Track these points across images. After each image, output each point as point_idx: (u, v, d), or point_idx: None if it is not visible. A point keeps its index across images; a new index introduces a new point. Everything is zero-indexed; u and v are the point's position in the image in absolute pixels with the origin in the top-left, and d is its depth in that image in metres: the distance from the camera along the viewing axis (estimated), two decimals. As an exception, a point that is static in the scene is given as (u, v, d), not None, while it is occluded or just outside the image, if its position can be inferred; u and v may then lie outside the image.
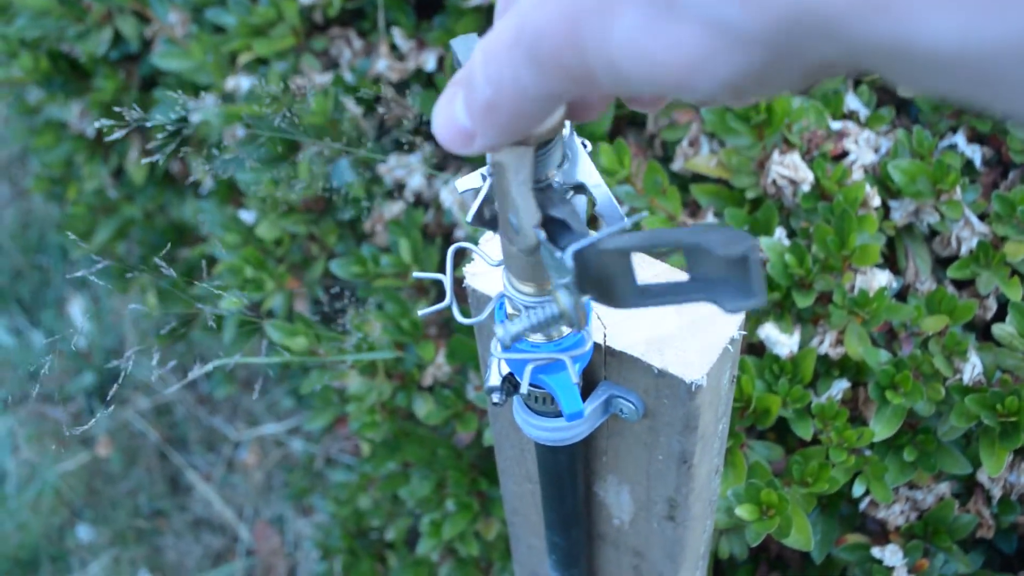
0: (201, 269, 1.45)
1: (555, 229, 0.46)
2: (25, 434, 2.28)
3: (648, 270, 0.68)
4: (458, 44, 0.46)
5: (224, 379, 1.89)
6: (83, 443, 2.26)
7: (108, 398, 1.05)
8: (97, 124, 0.97)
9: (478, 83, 0.37)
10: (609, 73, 0.32)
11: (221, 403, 2.26)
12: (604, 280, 0.43)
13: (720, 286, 0.37)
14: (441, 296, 1.21)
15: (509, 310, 0.59)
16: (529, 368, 0.57)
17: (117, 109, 0.98)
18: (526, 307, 0.45)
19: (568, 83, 0.34)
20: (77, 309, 2.42)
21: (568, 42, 0.32)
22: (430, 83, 1.27)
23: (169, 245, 1.12)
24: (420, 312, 0.57)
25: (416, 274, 0.59)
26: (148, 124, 1.01)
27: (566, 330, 0.59)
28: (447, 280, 0.58)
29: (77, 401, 2.32)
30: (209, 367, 1.08)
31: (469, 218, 0.52)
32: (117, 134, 0.97)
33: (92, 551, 2.15)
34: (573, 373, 0.57)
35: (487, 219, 0.52)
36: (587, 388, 0.68)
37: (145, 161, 0.99)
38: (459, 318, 0.58)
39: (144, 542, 2.15)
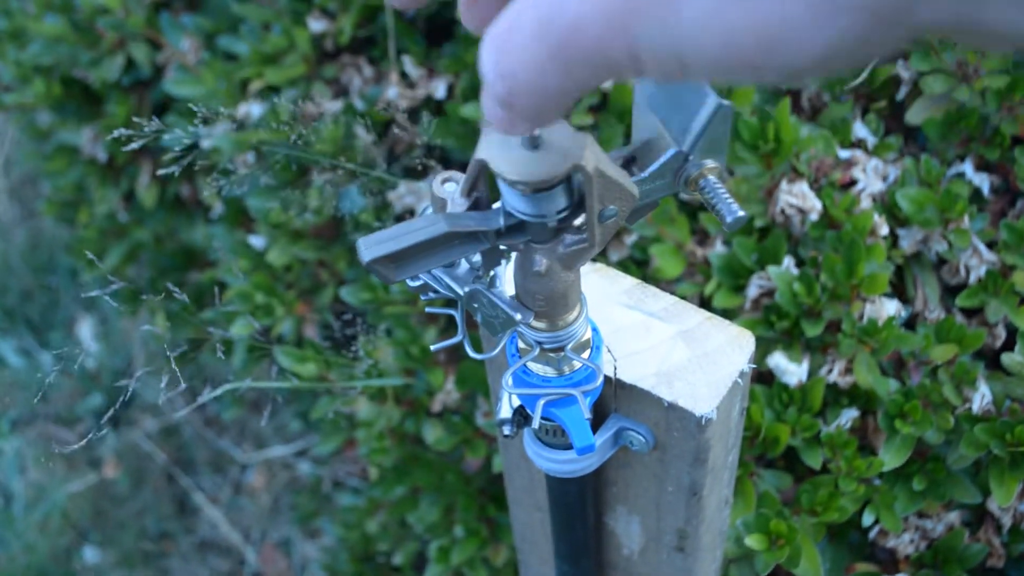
0: (211, 293, 1.46)
1: (641, 159, 0.52)
2: (33, 455, 2.28)
3: (657, 302, 0.69)
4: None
5: (232, 401, 1.89)
6: (90, 464, 2.27)
7: (111, 417, 1.05)
8: (115, 133, 0.98)
9: (490, 78, 0.34)
10: (666, 59, 0.30)
11: (228, 425, 2.26)
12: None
13: None
14: (452, 324, 1.21)
15: (521, 345, 0.60)
16: (541, 403, 0.58)
17: (136, 120, 0.99)
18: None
19: (604, 74, 0.32)
20: (86, 330, 2.43)
21: (617, 33, 0.29)
22: (440, 110, 1.28)
23: (179, 269, 1.13)
24: (433, 347, 0.58)
25: (429, 309, 0.60)
26: (165, 136, 1.02)
27: (576, 364, 0.59)
28: (459, 315, 0.59)
29: (85, 422, 2.32)
30: (220, 391, 1.09)
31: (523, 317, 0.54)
32: (134, 145, 0.98)
33: (99, 573, 2.14)
34: (585, 408, 0.57)
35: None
36: (597, 420, 0.68)
37: (161, 172, 1.00)
38: (471, 353, 0.59)
39: (151, 564, 2.15)
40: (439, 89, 1.25)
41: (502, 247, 0.52)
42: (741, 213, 0.49)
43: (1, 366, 2.42)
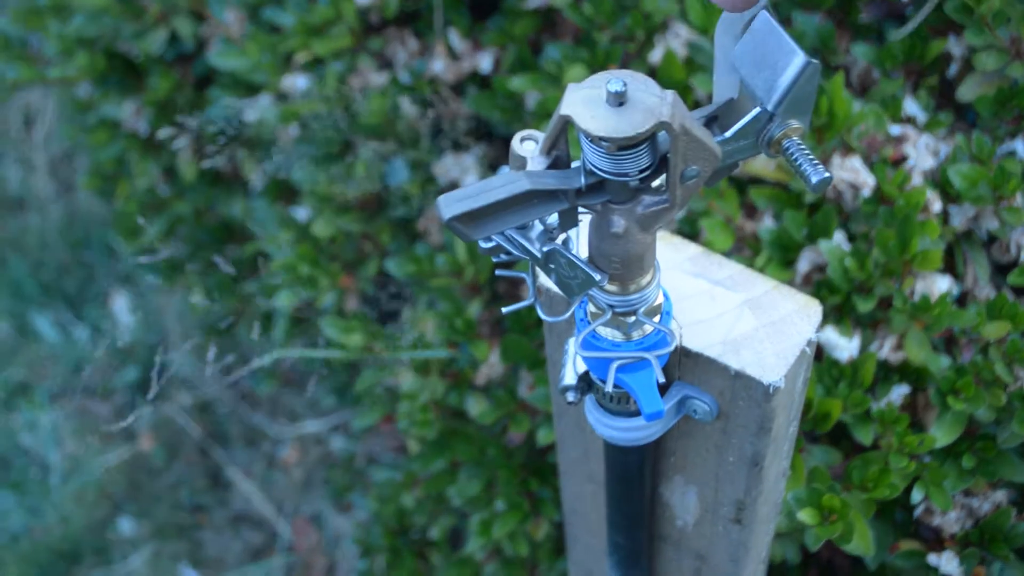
0: (250, 267, 1.47)
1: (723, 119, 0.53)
2: (69, 428, 2.30)
3: (722, 270, 0.68)
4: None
5: (267, 376, 1.90)
6: (126, 438, 2.29)
7: (148, 391, 1.06)
8: (162, 133, 0.99)
9: None
10: None
11: (262, 400, 2.28)
12: None
13: None
14: (495, 295, 1.21)
15: (591, 308, 0.60)
16: (614, 366, 0.58)
17: (180, 118, 1.00)
18: None
19: None
20: (121, 305, 2.44)
21: None
22: (485, 84, 1.28)
23: (217, 243, 1.13)
24: (504, 309, 0.58)
25: (500, 272, 0.60)
26: (209, 129, 1.02)
27: (647, 329, 0.59)
28: (530, 278, 0.59)
29: (120, 396, 2.35)
30: (265, 360, 1.09)
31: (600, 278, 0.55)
32: (179, 143, 0.99)
33: (133, 544, 2.17)
34: (658, 372, 0.57)
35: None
36: (660, 389, 0.68)
37: (206, 165, 1.01)
38: (543, 316, 0.59)
39: (185, 536, 2.17)
40: (484, 63, 1.25)
41: (580, 208, 0.52)
42: (827, 175, 0.49)
43: (38, 340, 2.44)
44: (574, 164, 0.51)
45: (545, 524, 1.24)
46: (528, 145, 0.51)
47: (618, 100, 0.46)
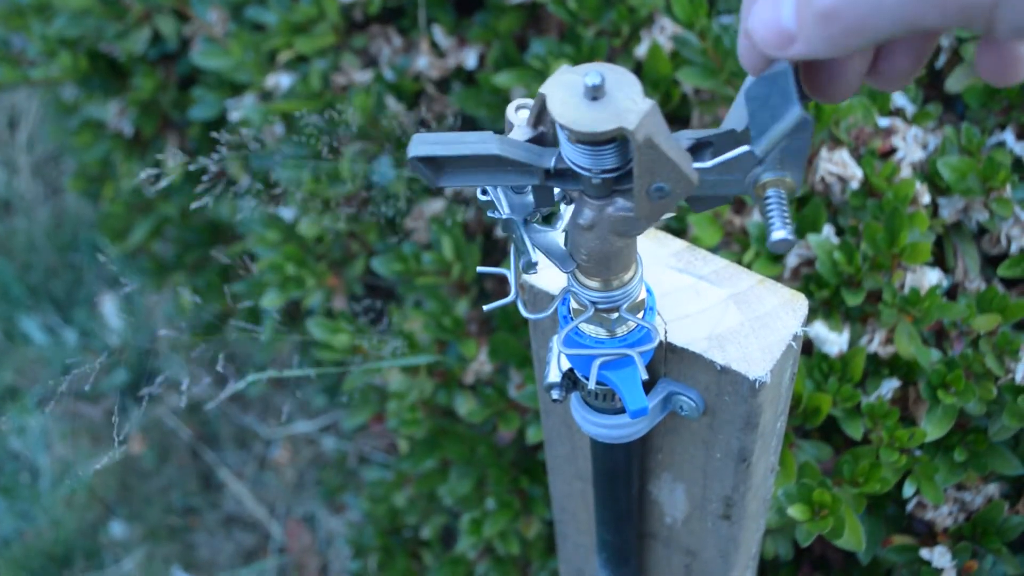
0: (237, 267, 1.46)
1: (718, 147, 0.50)
2: (59, 431, 2.29)
3: (707, 265, 0.68)
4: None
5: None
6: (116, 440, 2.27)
7: (139, 396, 1.05)
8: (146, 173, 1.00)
9: None
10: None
11: (253, 401, 2.27)
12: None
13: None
14: (483, 293, 1.20)
15: (574, 305, 0.59)
16: (597, 363, 0.57)
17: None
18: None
19: (951, 16, 0.31)
20: (110, 307, 2.43)
21: None
22: (471, 80, 1.27)
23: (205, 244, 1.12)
24: (486, 307, 0.57)
25: (481, 268, 0.59)
26: (192, 110, 1.01)
27: (631, 325, 0.59)
28: (511, 275, 0.58)
29: (110, 398, 2.33)
30: (249, 379, 1.08)
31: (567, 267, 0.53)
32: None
33: (125, 547, 2.16)
34: (641, 369, 0.57)
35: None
36: (646, 385, 0.67)
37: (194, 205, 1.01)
38: (524, 313, 0.58)
39: (177, 539, 2.16)
40: (470, 59, 1.24)
41: (556, 189, 0.51)
42: (788, 236, 0.47)
43: (26, 343, 2.43)
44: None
45: (536, 522, 1.23)
46: (522, 113, 0.51)
47: (592, 94, 0.45)
